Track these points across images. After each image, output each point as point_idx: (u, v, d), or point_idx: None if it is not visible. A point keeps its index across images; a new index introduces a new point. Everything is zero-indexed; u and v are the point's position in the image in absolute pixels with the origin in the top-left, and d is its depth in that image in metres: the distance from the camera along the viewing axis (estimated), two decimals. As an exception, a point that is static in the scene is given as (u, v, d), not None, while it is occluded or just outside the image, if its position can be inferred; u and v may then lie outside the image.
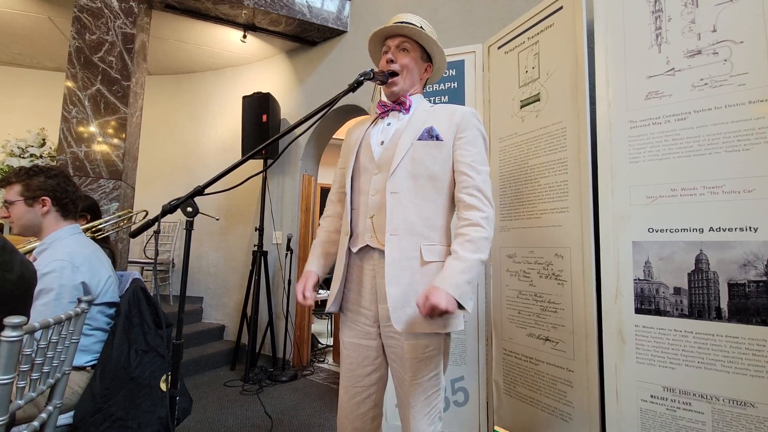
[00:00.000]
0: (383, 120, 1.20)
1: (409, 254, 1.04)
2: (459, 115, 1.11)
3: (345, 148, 1.26)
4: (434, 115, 1.14)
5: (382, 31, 1.19)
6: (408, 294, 1.02)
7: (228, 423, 2.25)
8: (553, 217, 1.55)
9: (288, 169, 3.63)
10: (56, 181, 1.41)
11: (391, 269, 1.02)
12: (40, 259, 1.33)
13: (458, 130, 1.10)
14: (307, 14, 3.20)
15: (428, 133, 1.10)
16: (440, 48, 1.19)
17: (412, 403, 1.03)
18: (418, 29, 1.14)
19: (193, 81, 4.32)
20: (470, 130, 1.10)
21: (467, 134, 1.10)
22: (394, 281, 1.02)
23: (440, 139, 1.09)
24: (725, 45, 1.19)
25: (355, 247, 1.10)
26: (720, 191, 1.17)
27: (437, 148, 1.09)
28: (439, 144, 1.09)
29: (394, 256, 1.03)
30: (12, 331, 0.74)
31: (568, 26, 1.54)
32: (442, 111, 1.14)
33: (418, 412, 1.03)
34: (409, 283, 1.03)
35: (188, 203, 1.02)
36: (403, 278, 1.03)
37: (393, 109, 1.17)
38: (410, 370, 1.02)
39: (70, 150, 2.54)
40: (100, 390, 1.28)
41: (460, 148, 1.09)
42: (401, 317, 1.01)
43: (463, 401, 1.84)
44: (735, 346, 1.12)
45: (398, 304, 1.01)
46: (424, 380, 1.03)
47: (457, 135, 1.10)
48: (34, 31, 3.61)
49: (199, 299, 4.00)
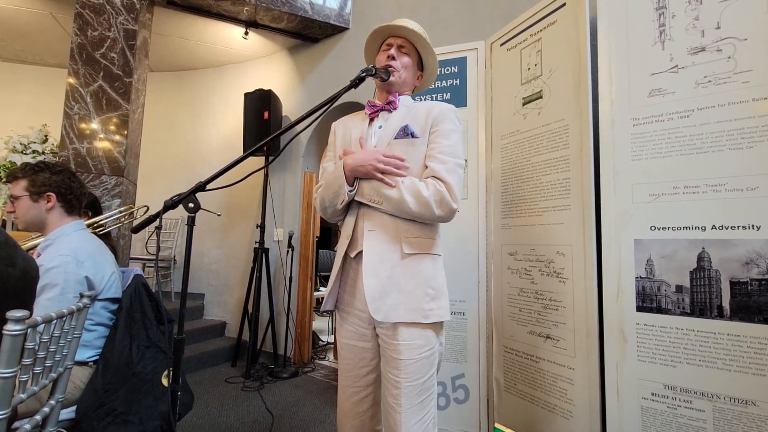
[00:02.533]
0: (374, 122, 1.20)
1: (388, 247, 1.04)
2: (436, 111, 1.11)
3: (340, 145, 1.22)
4: (413, 112, 1.14)
5: (387, 28, 1.19)
6: (387, 286, 1.02)
7: (229, 419, 2.26)
8: (554, 215, 1.55)
9: (289, 166, 3.63)
10: (61, 177, 1.41)
11: (369, 262, 1.03)
12: (45, 254, 1.33)
13: (433, 124, 1.10)
14: (309, 11, 3.19)
15: (403, 131, 1.10)
16: (435, 57, 1.22)
17: (404, 406, 0.99)
18: (420, 36, 1.17)
19: (195, 78, 4.32)
20: (444, 124, 1.09)
21: (440, 127, 1.09)
22: (373, 273, 1.02)
23: (415, 137, 1.09)
24: (729, 42, 1.18)
25: (353, 252, 1.10)
26: (723, 189, 1.16)
27: (412, 146, 1.09)
28: (414, 141, 1.09)
29: (373, 250, 1.04)
30: (15, 325, 0.75)
31: (571, 23, 1.53)
32: (422, 108, 1.14)
33: (411, 417, 0.99)
34: (389, 275, 1.02)
35: (190, 199, 1.02)
36: (382, 270, 1.03)
37: (383, 109, 1.18)
38: (404, 372, 1.00)
39: (72, 146, 2.54)
40: (102, 385, 1.29)
41: (432, 141, 1.09)
42: (380, 307, 1.01)
43: (463, 398, 1.84)
44: (737, 345, 1.12)
45: (376, 294, 1.01)
46: (419, 383, 1.01)
47: (432, 129, 1.10)
48: (37, 27, 3.62)
49: (201, 296, 4.01)
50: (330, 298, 1.15)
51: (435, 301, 1.05)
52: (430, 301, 1.04)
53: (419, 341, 1.02)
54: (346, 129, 1.23)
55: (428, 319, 1.02)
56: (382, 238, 1.05)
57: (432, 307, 1.04)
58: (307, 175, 3.60)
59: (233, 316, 3.77)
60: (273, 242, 3.56)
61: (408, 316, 1.01)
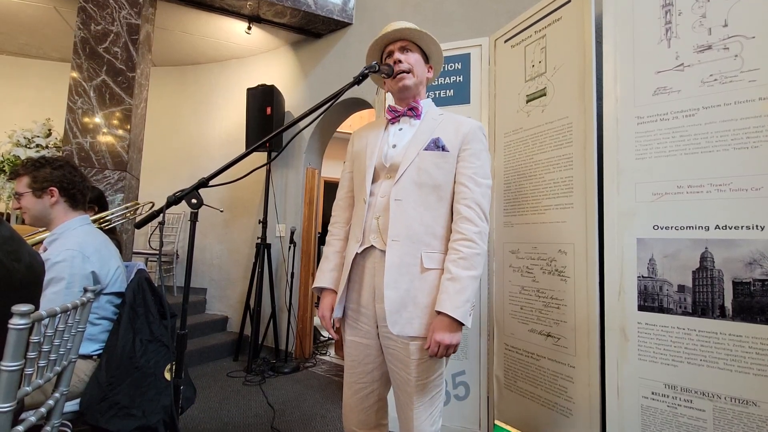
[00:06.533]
0: (394, 125, 1.20)
1: (409, 260, 1.05)
2: (466, 127, 1.13)
3: (356, 153, 1.24)
4: (442, 125, 1.15)
5: (383, 39, 1.19)
6: (405, 299, 1.04)
7: (231, 413, 2.28)
8: (557, 213, 1.55)
9: (292, 162, 3.63)
10: (62, 171, 1.42)
11: (390, 274, 1.04)
12: (51, 248, 1.34)
13: (464, 142, 1.12)
14: (312, 6, 3.17)
15: (435, 144, 1.11)
16: (438, 46, 1.21)
17: (416, 403, 1.03)
18: (417, 30, 1.16)
19: (198, 72, 4.32)
20: (475, 143, 1.12)
21: (472, 147, 1.11)
22: (393, 285, 1.03)
23: (446, 150, 1.11)
24: (736, 40, 1.17)
25: (362, 248, 1.11)
26: (727, 189, 1.16)
27: (443, 158, 1.10)
28: (445, 154, 1.10)
29: (394, 261, 1.04)
30: (20, 319, 0.75)
31: (577, 20, 1.52)
32: (450, 122, 1.16)
33: (422, 413, 1.03)
34: (408, 288, 1.04)
35: (193, 195, 1.02)
36: (402, 283, 1.04)
37: (404, 114, 1.18)
38: (416, 371, 1.03)
39: (75, 141, 2.55)
40: (105, 378, 1.30)
41: (464, 160, 1.11)
42: (397, 321, 1.02)
43: (464, 395, 1.85)
44: (738, 345, 1.12)
45: (395, 307, 1.03)
46: (429, 380, 1.04)
47: (463, 147, 1.11)
48: (40, 21, 3.61)
49: (203, 291, 4.03)
50: (339, 305, 1.15)
51: None
52: None
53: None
54: (361, 138, 1.24)
55: None
56: (405, 250, 1.05)
57: None
58: (310, 171, 3.60)
59: (235, 311, 3.79)
60: (275, 238, 3.56)
61: (423, 330, 1.03)
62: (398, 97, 1.21)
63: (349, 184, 1.26)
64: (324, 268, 1.23)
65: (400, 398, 1.07)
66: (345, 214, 1.27)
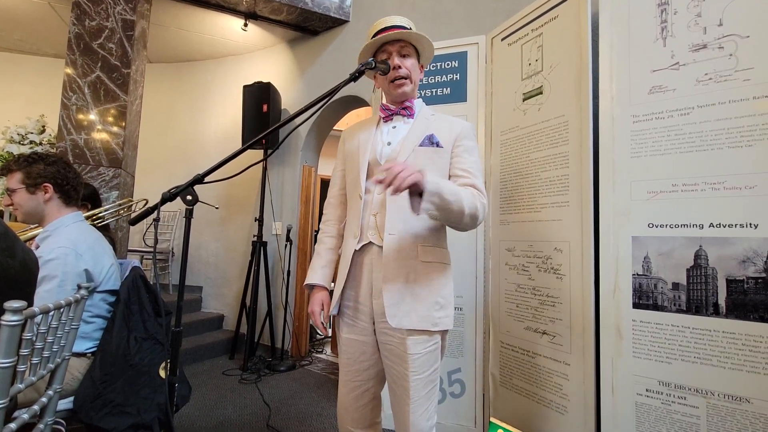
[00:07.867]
0: (387, 123, 1.21)
1: (406, 254, 1.06)
2: (459, 127, 1.17)
3: (348, 151, 1.24)
4: (435, 123, 1.18)
5: (384, 38, 1.18)
6: (403, 292, 1.04)
7: (226, 411, 2.28)
8: (553, 211, 1.55)
9: (288, 160, 3.62)
10: (56, 167, 1.41)
11: (388, 267, 1.05)
12: (44, 245, 1.33)
13: (457, 139, 1.14)
14: (308, 3, 3.16)
15: (429, 140, 1.13)
16: (432, 46, 1.22)
17: (413, 398, 1.04)
18: (416, 33, 1.16)
19: (194, 69, 4.29)
20: (468, 141, 1.16)
21: (465, 144, 1.15)
22: (391, 278, 1.04)
23: (440, 146, 1.13)
24: (731, 39, 1.18)
25: (360, 244, 1.11)
26: (721, 187, 1.16)
27: (437, 154, 1.13)
28: (439, 150, 1.13)
29: (392, 255, 1.05)
30: (12, 315, 0.75)
31: (573, 18, 1.52)
32: (443, 120, 1.19)
33: (419, 408, 1.04)
34: (405, 282, 1.05)
35: (188, 191, 1.01)
36: (400, 276, 1.05)
37: (398, 113, 1.20)
38: (412, 366, 1.03)
39: (69, 137, 2.53)
40: (99, 376, 1.29)
41: (458, 156, 1.13)
42: (395, 313, 1.03)
43: (459, 393, 1.85)
44: (732, 342, 1.13)
45: (393, 301, 1.03)
46: (425, 375, 1.05)
47: (456, 143, 1.14)
48: (35, 16, 3.58)
49: (199, 288, 4.02)
50: (335, 303, 1.15)
51: (443, 310, 1.08)
52: (439, 310, 1.07)
53: (426, 336, 1.06)
54: (353, 137, 1.25)
55: (436, 327, 1.06)
56: (402, 244, 1.06)
57: (440, 315, 1.07)
58: (306, 168, 3.59)
59: (231, 309, 3.78)
60: (271, 236, 3.55)
61: (419, 323, 1.04)
62: (393, 98, 1.22)
63: (340, 183, 1.27)
64: (315, 265, 1.23)
65: (397, 394, 1.08)
66: (337, 212, 1.27)
